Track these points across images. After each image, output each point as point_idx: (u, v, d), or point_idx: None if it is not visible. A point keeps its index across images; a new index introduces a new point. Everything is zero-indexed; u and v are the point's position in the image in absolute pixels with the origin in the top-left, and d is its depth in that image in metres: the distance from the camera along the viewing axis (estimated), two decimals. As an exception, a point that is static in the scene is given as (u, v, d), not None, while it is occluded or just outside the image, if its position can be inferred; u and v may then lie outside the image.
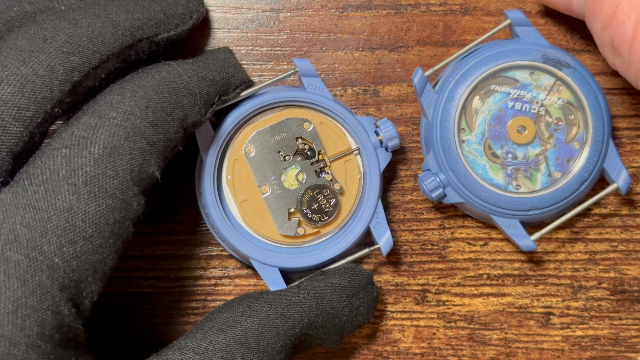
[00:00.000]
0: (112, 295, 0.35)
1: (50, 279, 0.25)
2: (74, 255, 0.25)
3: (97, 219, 0.26)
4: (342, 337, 0.33)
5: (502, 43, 0.34)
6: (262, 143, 0.33)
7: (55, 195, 0.26)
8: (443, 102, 0.33)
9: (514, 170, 0.34)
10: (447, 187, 0.34)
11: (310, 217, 0.33)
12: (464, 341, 0.36)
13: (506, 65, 0.33)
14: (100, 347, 0.35)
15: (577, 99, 0.34)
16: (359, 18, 0.36)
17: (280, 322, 0.30)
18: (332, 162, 0.34)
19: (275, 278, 0.33)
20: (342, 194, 0.34)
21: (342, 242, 0.33)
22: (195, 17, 0.33)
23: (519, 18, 0.34)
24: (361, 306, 0.33)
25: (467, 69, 0.34)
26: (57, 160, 0.26)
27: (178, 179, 0.35)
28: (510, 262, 0.36)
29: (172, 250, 0.36)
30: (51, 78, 0.27)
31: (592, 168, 0.33)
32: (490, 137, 0.34)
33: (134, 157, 0.27)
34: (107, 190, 0.27)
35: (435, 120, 0.34)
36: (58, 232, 0.25)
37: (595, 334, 0.36)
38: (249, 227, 0.33)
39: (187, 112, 0.30)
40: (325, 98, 0.33)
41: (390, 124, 0.33)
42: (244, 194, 0.33)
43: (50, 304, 0.25)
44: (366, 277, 0.33)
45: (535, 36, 0.34)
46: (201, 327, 0.30)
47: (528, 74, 0.34)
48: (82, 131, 0.27)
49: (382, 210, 0.33)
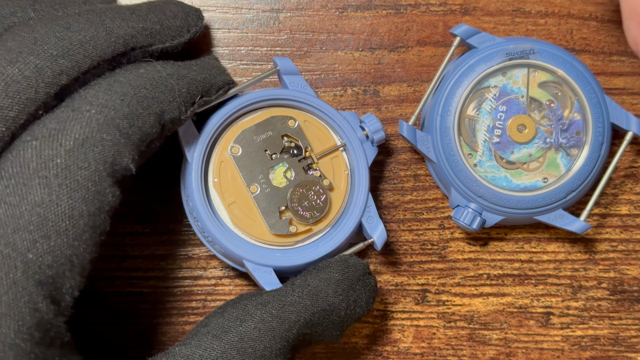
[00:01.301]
0: (112, 295, 0.35)
1: (25, 276, 0.24)
2: (48, 250, 0.25)
3: (70, 211, 0.26)
4: (342, 331, 0.32)
5: (465, 59, 0.34)
6: (248, 142, 0.33)
7: (26, 189, 0.25)
8: (439, 139, 0.34)
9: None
10: (482, 212, 0.34)
11: (301, 214, 0.33)
12: (464, 341, 0.36)
13: (478, 79, 0.34)
14: (100, 347, 0.35)
15: (554, 74, 0.34)
16: (359, 18, 0.36)
17: (276, 324, 0.30)
18: (319, 159, 0.33)
19: (270, 278, 0.32)
20: (331, 190, 0.33)
21: (335, 238, 0.33)
22: (192, 31, 0.32)
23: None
24: (359, 298, 0.32)
25: (446, 98, 0.34)
26: (28, 153, 0.26)
27: (178, 178, 0.35)
28: (510, 262, 0.36)
29: (172, 250, 0.36)
30: (37, 80, 0.27)
31: (602, 129, 0.34)
32: (498, 149, 0.34)
33: (107, 149, 0.27)
34: (79, 182, 0.26)
35: (441, 160, 0.34)
36: (30, 228, 0.25)
37: (595, 334, 0.36)
38: (240, 229, 0.33)
39: (164, 108, 0.29)
40: (308, 95, 0.33)
41: (374, 118, 0.33)
42: (232, 196, 0.33)
43: (27, 300, 0.24)
44: (361, 267, 0.32)
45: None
46: (196, 333, 0.30)
47: (501, 76, 0.34)
48: (54, 124, 0.26)
49: (373, 204, 0.33)
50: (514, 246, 0.36)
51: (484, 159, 0.34)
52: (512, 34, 0.36)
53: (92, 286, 0.35)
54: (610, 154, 0.35)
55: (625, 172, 0.36)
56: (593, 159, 0.34)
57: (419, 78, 0.36)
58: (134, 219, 0.36)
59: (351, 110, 0.36)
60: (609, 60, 0.36)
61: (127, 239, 0.36)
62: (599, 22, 0.36)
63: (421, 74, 0.36)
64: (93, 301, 0.35)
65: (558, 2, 0.36)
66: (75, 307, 0.27)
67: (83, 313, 0.35)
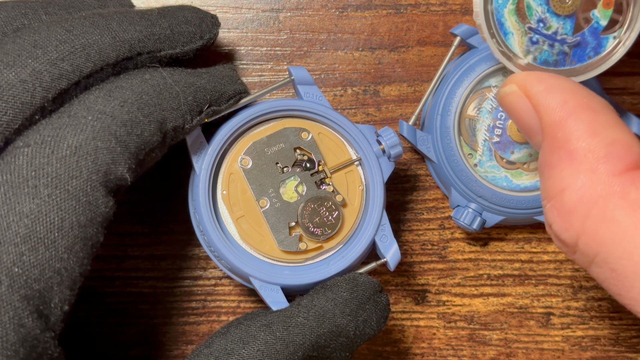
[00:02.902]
0: (112, 295, 0.35)
1: (9, 290, 0.23)
2: (35, 263, 0.24)
3: (60, 223, 0.25)
4: (352, 352, 0.30)
5: (466, 59, 0.34)
6: (259, 154, 0.32)
7: (15, 198, 0.24)
8: (439, 139, 0.34)
9: None
10: (482, 212, 0.34)
11: (312, 231, 0.31)
12: (464, 341, 0.36)
13: (478, 78, 0.34)
14: (100, 347, 0.35)
15: None
16: (359, 18, 0.36)
17: (281, 347, 0.28)
18: (332, 174, 0.32)
19: (276, 297, 0.31)
20: (344, 206, 0.32)
21: (346, 256, 0.31)
22: (206, 38, 0.31)
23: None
24: (369, 318, 0.30)
25: (446, 98, 0.34)
26: (19, 160, 0.25)
27: (178, 178, 0.35)
28: (510, 262, 0.36)
29: (172, 250, 0.36)
30: (34, 84, 0.26)
31: None
32: (498, 149, 0.34)
33: (100, 157, 0.26)
34: (69, 192, 0.25)
35: (442, 160, 0.34)
36: (17, 240, 0.24)
37: (596, 334, 0.36)
38: (248, 244, 0.31)
39: (166, 115, 0.28)
40: (324, 107, 0.32)
41: (392, 132, 0.32)
42: (240, 210, 0.31)
43: (11, 316, 0.23)
44: (372, 286, 0.30)
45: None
46: (198, 355, 0.28)
47: (501, 75, 0.34)
48: (49, 130, 0.26)
49: (387, 221, 0.32)
50: (514, 246, 0.36)
51: (484, 159, 0.34)
52: (512, 33, 0.36)
53: (92, 286, 0.35)
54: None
55: (626, 172, 0.36)
56: None
57: (419, 78, 0.36)
58: (134, 219, 0.36)
59: (351, 110, 0.36)
60: (610, 60, 0.36)
61: (127, 239, 0.36)
62: (599, 22, 0.36)
63: (421, 74, 0.36)
64: (93, 301, 0.35)
65: (558, 2, 0.36)
66: (75, 307, 0.26)
67: (83, 313, 0.35)
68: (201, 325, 0.35)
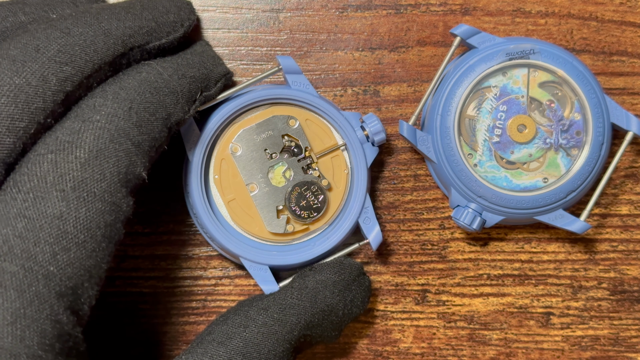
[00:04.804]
0: (112, 295, 0.35)
1: (47, 288, 0.25)
2: (68, 262, 0.25)
3: (88, 223, 0.26)
4: (340, 330, 0.33)
5: (466, 59, 0.34)
6: (249, 141, 0.33)
7: (44, 202, 0.25)
8: (439, 139, 0.34)
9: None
10: (482, 212, 0.34)
11: (298, 214, 0.33)
12: (464, 341, 0.36)
13: (478, 79, 0.34)
14: (100, 347, 0.35)
15: (554, 74, 0.34)
16: (359, 18, 0.36)
17: (278, 327, 0.30)
18: (319, 159, 0.34)
19: (265, 276, 0.33)
20: (330, 190, 0.34)
21: (331, 238, 0.33)
22: (186, 25, 0.32)
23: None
24: (355, 298, 0.33)
25: (446, 98, 0.34)
26: (44, 167, 0.26)
27: (178, 178, 0.35)
28: (510, 262, 0.36)
29: (172, 250, 0.36)
30: (44, 88, 0.27)
31: (602, 129, 0.33)
32: (498, 149, 0.34)
33: (120, 159, 0.27)
34: (95, 194, 0.26)
35: (442, 160, 0.34)
36: (51, 240, 0.25)
37: (595, 334, 0.36)
38: (238, 225, 0.33)
39: (170, 111, 0.30)
40: (310, 95, 0.33)
41: (376, 119, 0.33)
42: (231, 193, 0.33)
43: (49, 313, 0.25)
44: (356, 268, 0.33)
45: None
46: (201, 342, 0.30)
47: (501, 76, 0.34)
48: (66, 136, 0.27)
49: (370, 204, 0.33)
50: (514, 246, 0.36)
51: (484, 159, 0.34)
52: (512, 34, 0.36)
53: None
54: (611, 154, 0.35)
55: (626, 172, 0.36)
56: (593, 159, 0.34)
57: (419, 78, 0.36)
58: (134, 219, 0.35)
59: (351, 110, 0.36)
60: (609, 60, 0.36)
61: (127, 239, 0.36)
62: (599, 22, 0.36)
63: (421, 74, 0.36)
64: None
65: (558, 2, 0.36)
66: (93, 310, 0.27)
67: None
68: (201, 325, 0.36)
